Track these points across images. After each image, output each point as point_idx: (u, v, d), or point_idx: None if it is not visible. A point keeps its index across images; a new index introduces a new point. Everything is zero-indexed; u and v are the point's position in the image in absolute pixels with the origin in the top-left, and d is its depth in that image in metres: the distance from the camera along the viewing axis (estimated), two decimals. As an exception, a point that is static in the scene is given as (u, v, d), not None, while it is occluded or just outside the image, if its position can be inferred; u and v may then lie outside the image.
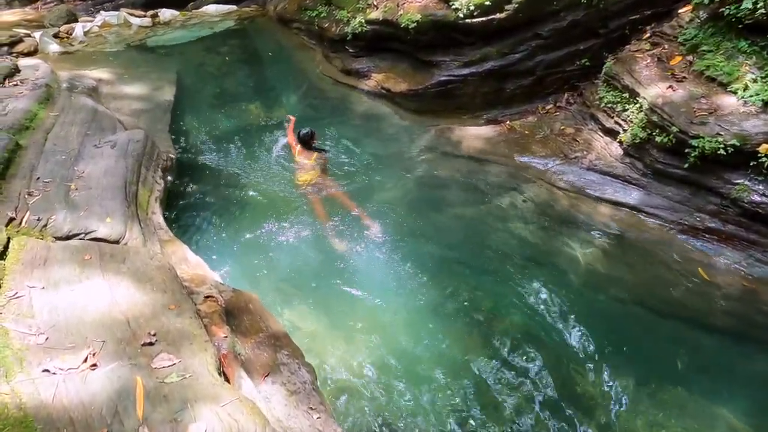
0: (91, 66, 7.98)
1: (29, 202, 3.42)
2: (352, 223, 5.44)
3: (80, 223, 3.32)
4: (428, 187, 5.96)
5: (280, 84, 8.46)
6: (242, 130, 6.97)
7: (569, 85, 6.22)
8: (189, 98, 7.63)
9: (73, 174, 4.02)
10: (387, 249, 5.20)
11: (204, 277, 3.27)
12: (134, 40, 9.65)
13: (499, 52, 6.01)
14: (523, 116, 6.38)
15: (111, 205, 3.65)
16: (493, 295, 4.76)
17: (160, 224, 4.14)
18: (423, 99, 6.60)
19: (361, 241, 5.26)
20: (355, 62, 7.72)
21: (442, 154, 6.24)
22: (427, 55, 6.44)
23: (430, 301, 4.66)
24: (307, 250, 5.13)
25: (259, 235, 5.21)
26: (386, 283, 4.86)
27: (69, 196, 3.66)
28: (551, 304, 4.72)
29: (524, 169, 5.73)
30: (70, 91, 6.04)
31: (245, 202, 5.68)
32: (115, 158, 4.33)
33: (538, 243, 5.19)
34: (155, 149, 4.97)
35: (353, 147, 6.69)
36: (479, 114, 6.63)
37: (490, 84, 6.26)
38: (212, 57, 9.32)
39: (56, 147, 4.40)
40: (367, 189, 5.95)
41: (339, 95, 7.84)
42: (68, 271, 2.55)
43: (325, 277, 4.85)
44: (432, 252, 5.18)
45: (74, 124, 5.00)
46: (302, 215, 5.49)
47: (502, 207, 5.57)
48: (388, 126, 6.98)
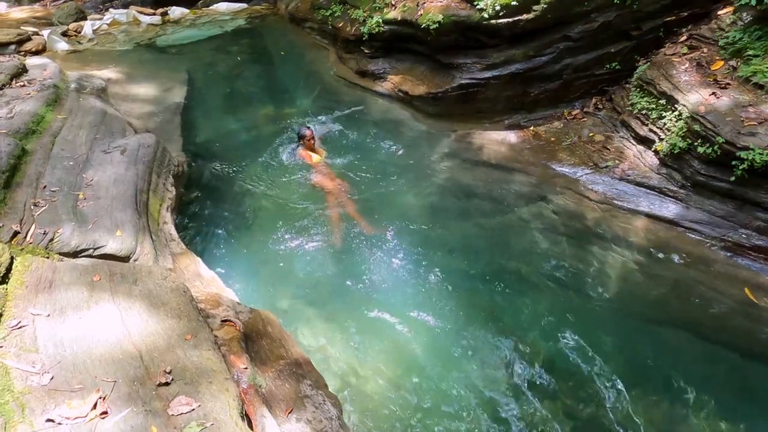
0: (100, 65, 7.83)
1: (35, 214, 3.23)
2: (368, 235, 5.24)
3: (89, 237, 3.12)
4: (449, 196, 5.72)
5: (293, 85, 8.25)
6: (254, 135, 6.76)
7: (597, 89, 5.95)
8: (199, 100, 7.44)
9: (81, 182, 3.84)
10: (405, 261, 4.97)
11: (219, 297, 3.06)
12: (144, 39, 9.49)
13: (525, 55, 5.75)
14: (548, 122, 6.13)
15: (121, 217, 3.45)
16: (518, 313, 4.51)
17: (172, 235, 3.94)
18: (443, 103, 6.37)
19: (378, 253, 5.05)
20: (370, 63, 7.49)
21: (463, 161, 6.00)
22: (448, 57, 6.20)
23: (451, 319, 4.42)
24: (322, 261, 4.91)
25: (272, 245, 5.00)
26: (405, 297, 4.63)
27: (77, 206, 3.47)
28: (580, 323, 4.45)
29: (551, 179, 5.48)
30: (79, 92, 5.86)
31: (257, 210, 5.47)
32: (125, 165, 4.13)
33: (566, 257, 4.93)
34: (166, 155, 4.77)
35: (369, 152, 6.46)
36: (501, 119, 6.38)
37: (513, 88, 6.01)
38: (223, 56, 9.13)
39: (64, 152, 4.22)
40: (384, 198, 5.71)
41: (354, 98, 7.61)
42: (76, 294, 2.34)
43: (342, 292, 4.63)
44: (453, 265, 4.94)
45: (83, 127, 4.82)
46: (316, 224, 5.27)
47: (528, 218, 5.32)
48: (405, 130, 6.74)
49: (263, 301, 4.33)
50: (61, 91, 5.48)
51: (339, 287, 4.67)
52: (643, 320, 4.43)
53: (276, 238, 5.07)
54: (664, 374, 4.04)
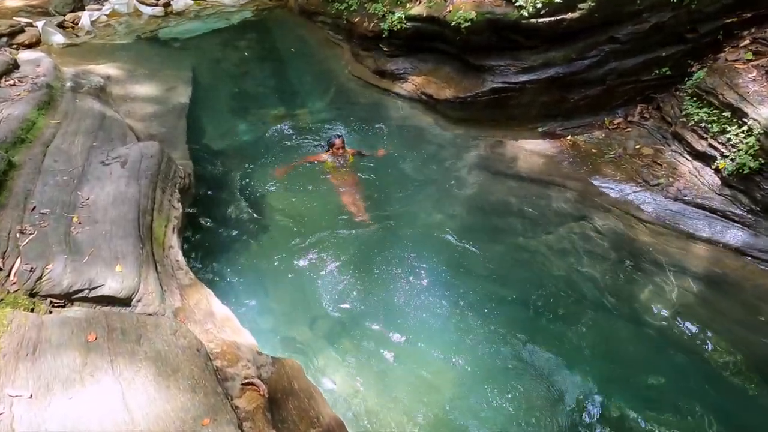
0: (98, 60, 7.31)
1: (21, 244, 2.78)
2: (394, 251, 4.80)
3: (84, 274, 2.68)
4: (480, 213, 5.26)
5: (304, 85, 7.74)
6: (264, 141, 6.25)
7: (643, 96, 5.48)
8: (205, 100, 6.94)
9: (76, 201, 3.38)
10: (434, 286, 4.53)
11: (237, 347, 2.62)
12: (145, 32, 8.99)
13: (566, 58, 5.27)
14: (587, 131, 5.66)
15: (121, 246, 3.01)
16: (558, 345, 4.09)
17: (179, 263, 3.49)
18: (471, 108, 5.89)
19: (401, 277, 4.61)
20: (390, 63, 7.00)
21: (494, 173, 5.53)
22: (478, 58, 5.72)
23: (483, 351, 4.00)
24: (340, 286, 4.46)
25: (287, 268, 4.54)
26: (433, 327, 4.20)
27: (70, 233, 3.02)
28: (628, 360, 4.03)
29: (595, 195, 5.01)
30: (75, 91, 5.38)
31: (270, 227, 5.00)
32: (126, 180, 3.68)
33: (613, 284, 4.49)
34: (171, 166, 4.31)
35: (389, 162, 5.99)
36: (534, 126, 5.91)
37: (551, 93, 5.53)
38: (229, 52, 8.63)
39: (57, 165, 3.76)
40: (406, 214, 5.24)
41: (371, 100, 7.12)
42: (66, 362, 1.91)
43: (363, 322, 4.18)
44: (485, 290, 4.50)
45: (78, 133, 4.34)
46: (334, 243, 4.84)
47: (569, 239, 4.86)
48: (429, 137, 6.27)
49: (281, 336, 3.89)
50: (56, 91, 5.00)
51: (360, 316, 4.24)
52: (703, 359, 4.00)
53: (291, 260, 4.62)
54: (726, 422, 3.63)
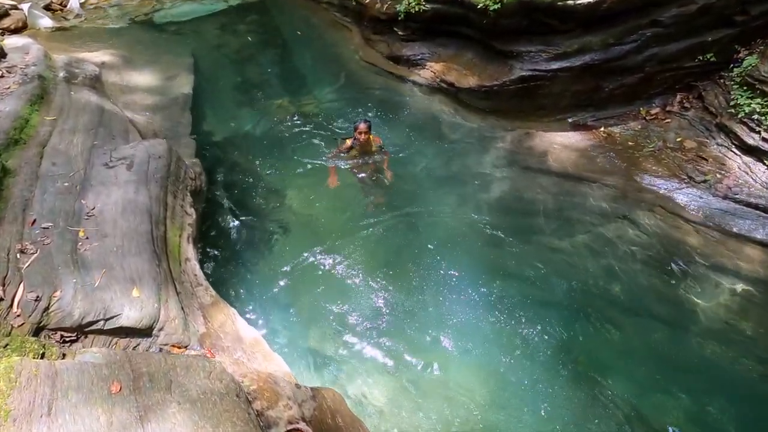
0: (91, 46, 6.86)
1: (23, 266, 2.46)
2: (418, 253, 4.52)
3: (97, 302, 2.36)
4: (510, 211, 4.96)
5: (312, 72, 7.31)
6: (274, 133, 5.89)
7: (683, 84, 5.15)
8: (208, 90, 6.52)
9: (80, 211, 3.04)
10: (464, 291, 4.27)
11: (275, 382, 2.33)
12: (139, 14, 8.47)
13: (603, 43, 4.91)
14: (622, 121, 5.34)
15: (136, 264, 2.69)
16: (597, 352, 3.88)
17: (198, 278, 3.18)
18: (497, 97, 5.54)
19: (429, 282, 4.34)
20: (405, 48, 6.60)
21: (524, 168, 5.21)
22: (506, 43, 5.34)
23: (520, 358, 3.79)
24: (364, 292, 4.18)
25: (309, 276, 4.24)
26: (466, 335, 3.96)
27: (78, 250, 2.69)
28: (674, 368, 3.81)
29: (635, 192, 4.73)
30: (69, 82, 4.95)
31: (287, 229, 4.67)
32: (134, 185, 3.33)
33: (657, 288, 4.24)
34: (181, 167, 3.96)
35: (407, 155, 5.65)
36: (564, 116, 5.58)
37: (584, 81, 5.19)
38: (230, 37, 8.16)
39: (56, 168, 3.40)
40: (429, 213, 4.94)
41: (385, 88, 6.73)
42: (89, 424, 1.60)
43: (392, 330, 3.93)
44: (519, 294, 4.25)
45: (77, 131, 3.96)
46: (354, 244, 4.54)
47: (608, 240, 4.59)
48: (450, 129, 5.92)
49: (308, 352, 3.61)
50: (48, 82, 4.58)
51: (388, 325, 3.97)
52: (755, 370, 3.79)
53: (309, 265, 4.32)
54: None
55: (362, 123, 4.97)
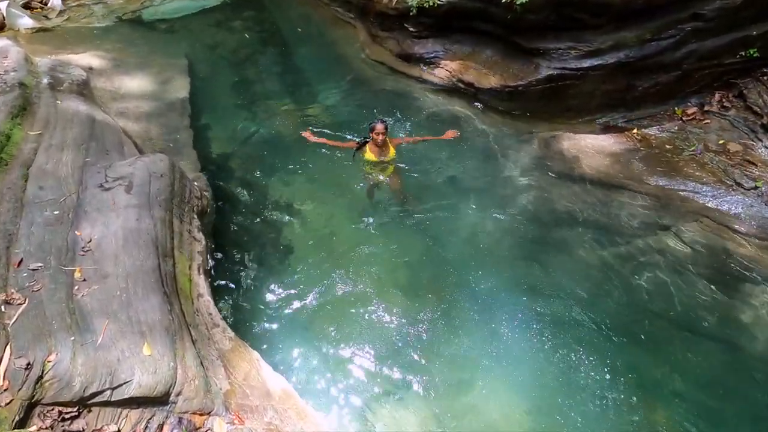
0: (76, 48, 6.38)
1: (9, 322, 2.07)
2: (441, 270, 4.19)
3: (101, 366, 1.96)
4: (539, 222, 4.62)
5: (315, 73, 6.87)
6: (279, 140, 5.45)
7: (721, 82, 4.85)
8: (206, 94, 6.07)
9: (75, 245, 2.65)
10: (494, 309, 3.94)
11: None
12: (126, 12, 7.97)
13: (639, 39, 4.59)
14: (657, 122, 5.03)
15: (145, 312, 2.30)
16: (645, 373, 3.58)
17: (213, 318, 2.80)
18: (521, 98, 5.19)
19: (459, 301, 4.01)
20: (417, 45, 6.21)
21: (553, 175, 4.87)
22: (531, 40, 5.00)
23: (558, 381, 3.49)
24: (387, 313, 3.83)
25: (322, 297, 3.87)
26: (498, 358, 3.64)
27: (74, 296, 2.30)
28: (728, 392, 3.52)
29: (676, 201, 4.42)
30: (54, 89, 4.50)
31: (297, 246, 4.26)
32: (136, 211, 2.94)
33: (705, 305, 3.94)
34: (186, 185, 3.56)
35: (425, 161, 5.30)
36: (592, 117, 5.25)
37: (616, 80, 4.86)
38: (225, 35, 7.71)
39: (43, 194, 2.99)
40: (449, 222, 4.60)
41: (396, 89, 6.34)
42: None
43: (421, 354, 3.59)
44: (552, 311, 3.93)
45: (66, 147, 3.54)
46: (372, 261, 4.18)
47: (649, 253, 4.28)
48: (470, 132, 5.55)
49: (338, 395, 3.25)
50: (31, 90, 4.13)
51: (420, 354, 3.62)
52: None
53: (331, 291, 3.93)
54: None
55: (379, 123, 4.57)
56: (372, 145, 4.70)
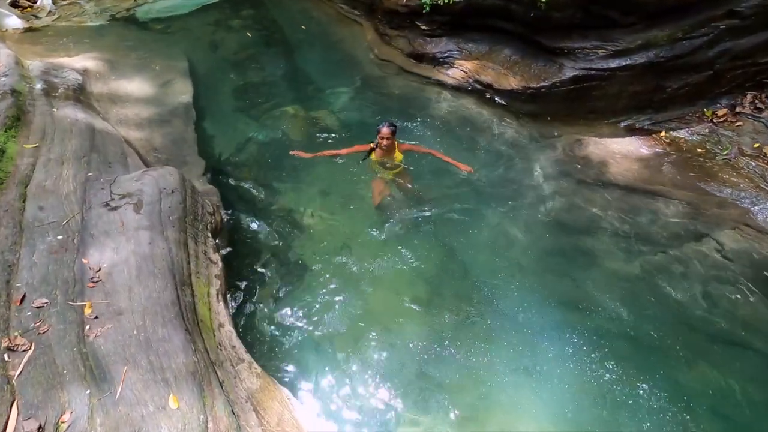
0: (69, 50, 6.06)
1: (14, 375, 1.82)
2: (462, 284, 3.98)
3: (124, 425, 1.70)
4: (566, 231, 4.40)
5: (321, 74, 6.58)
6: (285, 147, 5.13)
7: (754, 82, 4.66)
8: (208, 98, 5.75)
9: (83, 275, 2.39)
10: (521, 324, 3.72)
11: None
12: (119, 10, 7.63)
13: (670, 38, 4.39)
14: (685, 125, 4.84)
15: (167, 354, 2.05)
16: (680, 390, 3.39)
17: (237, 350, 2.55)
18: (544, 100, 4.97)
19: (484, 316, 3.81)
20: (430, 44, 5.97)
21: (579, 181, 4.66)
22: (555, 39, 4.78)
23: (590, 403, 3.29)
24: (410, 334, 3.60)
25: (349, 320, 3.62)
26: (528, 376, 3.44)
27: (85, 338, 2.06)
28: None
29: (713, 208, 4.24)
30: (48, 95, 4.23)
31: (314, 262, 4.01)
32: (148, 233, 2.68)
33: (746, 317, 3.74)
34: (198, 200, 3.30)
35: (439, 167, 5.05)
36: (617, 120, 5.04)
37: (645, 81, 4.66)
38: (224, 34, 7.41)
39: (45, 214, 2.73)
40: (470, 231, 4.38)
41: (408, 90, 6.09)
42: None
43: (449, 375, 3.39)
44: (583, 326, 3.73)
45: (65, 160, 3.28)
46: (389, 277, 3.95)
47: (685, 263, 4.09)
48: (488, 136, 5.34)
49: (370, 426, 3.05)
50: (24, 98, 3.85)
51: (449, 375, 3.42)
52: None
53: (353, 311, 3.69)
54: None
55: (385, 126, 4.28)
56: (377, 149, 4.45)
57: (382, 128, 4.26)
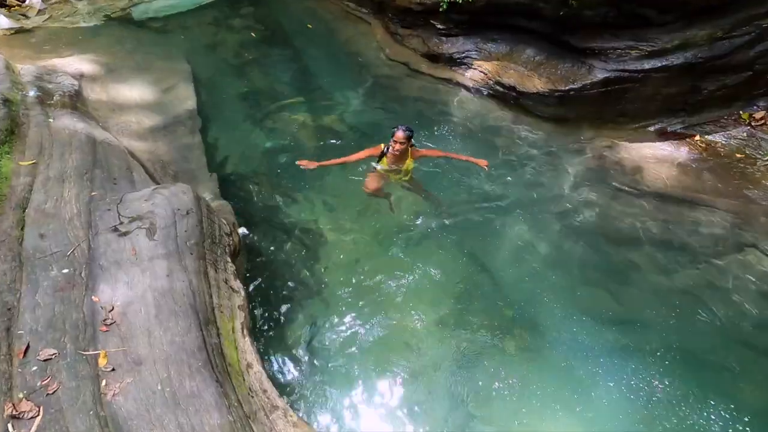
0: (62, 52, 5.71)
1: (20, 451, 1.55)
2: (492, 301, 3.75)
3: None
4: (602, 242, 4.17)
5: (329, 76, 6.27)
6: (291, 155, 4.85)
7: (793, 83, 4.50)
8: (209, 103, 5.41)
9: (94, 316, 2.10)
10: (557, 342, 3.51)
11: None
12: (114, 9, 7.26)
13: (709, 37, 4.16)
14: (721, 128, 4.63)
15: (197, 412, 1.76)
16: (742, 410, 3.20)
17: (269, 394, 2.27)
18: (573, 103, 4.72)
19: (517, 331, 3.58)
20: (446, 44, 5.70)
21: (613, 189, 4.43)
22: (585, 39, 4.53)
23: (640, 425, 3.09)
24: (433, 358, 3.36)
25: (366, 346, 3.37)
26: (567, 397, 3.23)
27: (103, 396, 1.79)
28: None
29: (758, 216, 3.98)
30: (43, 103, 3.89)
31: (325, 281, 3.73)
32: (166, 264, 2.39)
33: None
34: (214, 220, 3.00)
35: (462, 173, 4.81)
36: (647, 123, 4.81)
37: (680, 82, 4.43)
38: (226, 35, 7.08)
39: (46, 243, 2.43)
40: (496, 243, 4.16)
41: (423, 92, 5.82)
42: None
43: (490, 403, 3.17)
44: (625, 342, 3.52)
45: (66, 178, 2.96)
46: (411, 293, 3.71)
47: (732, 275, 3.86)
48: (512, 141, 5.09)
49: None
50: (17, 108, 3.52)
51: (488, 409, 3.18)
52: None
53: (372, 337, 3.43)
54: None
55: (401, 131, 3.93)
56: (389, 153, 4.16)
57: (397, 132, 3.96)
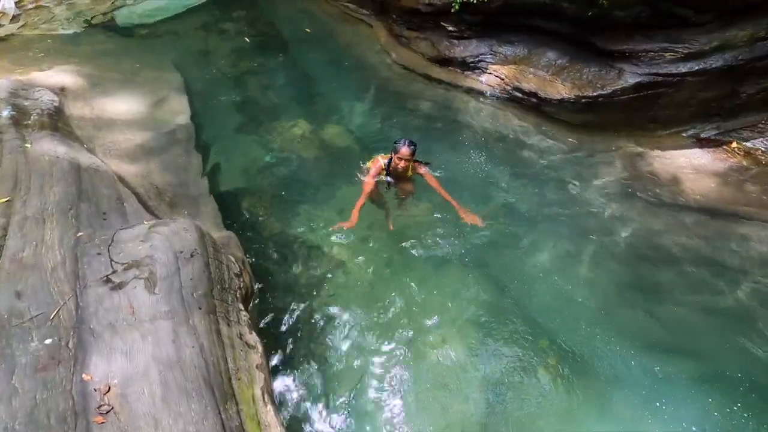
0: (41, 63, 5.25)
1: None
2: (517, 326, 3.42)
3: None
4: (639, 261, 3.84)
5: (331, 84, 5.86)
6: (293, 172, 4.53)
7: (836, 85, 4.25)
8: (202, 115, 4.99)
9: (86, 404, 1.71)
10: (597, 371, 3.20)
11: None
12: (96, 14, 6.81)
13: (751, 38, 3.89)
14: (759, 133, 4.33)
15: None
16: None
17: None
18: (601, 110, 4.40)
19: (554, 362, 3.26)
20: (458, 47, 5.36)
21: (649, 202, 4.12)
22: (614, 41, 4.22)
23: None
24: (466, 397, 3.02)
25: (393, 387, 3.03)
26: None
27: None
28: None
29: (812, 232, 3.79)
30: (19, 124, 3.47)
31: (351, 314, 3.36)
32: (170, 324, 2.01)
33: None
34: (222, 260, 2.62)
35: (482, 185, 4.48)
36: (679, 129, 4.52)
37: (718, 86, 4.14)
38: (217, 40, 6.67)
39: (24, 304, 2.03)
40: (520, 262, 3.83)
41: (434, 100, 5.46)
42: None
43: None
44: (670, 368, 3.22)
45: (47, 217, 2.56)
46: (432, 321, 3.38)
47: (787, 296, 3.64)
48: (535, 151, 4.75)
49: None
50: (-12, 132, 3.14)
51: None
52: None
53: (398, 377, 3.07)
54: None
55: (405, 146, 3.58)
56: (391, 168, 3.78)
57: (401, 147, 3.57)
